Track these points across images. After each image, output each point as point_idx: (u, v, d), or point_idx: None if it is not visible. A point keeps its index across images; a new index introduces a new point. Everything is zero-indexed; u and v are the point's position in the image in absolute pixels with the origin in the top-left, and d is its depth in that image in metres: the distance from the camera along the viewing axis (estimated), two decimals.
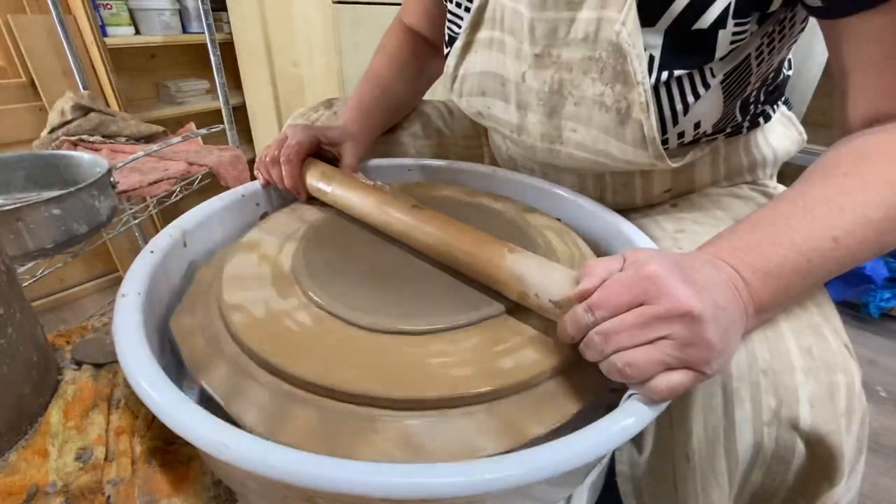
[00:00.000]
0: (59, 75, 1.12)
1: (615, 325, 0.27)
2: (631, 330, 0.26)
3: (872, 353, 1.13)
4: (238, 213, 0.49)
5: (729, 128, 0.48)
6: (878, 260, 1.20)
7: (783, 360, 0.32)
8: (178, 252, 0.42)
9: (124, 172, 0.83)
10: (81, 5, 1.09)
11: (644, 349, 0.26)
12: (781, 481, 0.33)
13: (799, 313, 0.34)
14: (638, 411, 0.27)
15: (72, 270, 1.25)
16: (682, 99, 0.40)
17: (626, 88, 0.40)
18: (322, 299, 0.35)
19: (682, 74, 0.39)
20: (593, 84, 0.42)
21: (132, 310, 0.32)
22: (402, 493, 0.22)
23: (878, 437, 0.92)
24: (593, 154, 0.45)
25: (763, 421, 0.31)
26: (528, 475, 0.23)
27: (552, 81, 0.44)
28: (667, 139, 0.43)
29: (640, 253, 0.29)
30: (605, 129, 0.43)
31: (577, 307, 0.29)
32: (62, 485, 0.30)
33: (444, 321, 0.33)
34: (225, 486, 0.34)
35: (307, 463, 0.23)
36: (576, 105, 0.44)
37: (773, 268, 0.29)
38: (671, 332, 0.26)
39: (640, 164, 0.44)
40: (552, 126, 0.46)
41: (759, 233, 0.31)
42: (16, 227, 0.54)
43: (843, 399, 0.31)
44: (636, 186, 0.52)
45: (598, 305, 0.27)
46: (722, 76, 0.40)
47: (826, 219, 0.30)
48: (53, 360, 0.38)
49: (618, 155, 0.44)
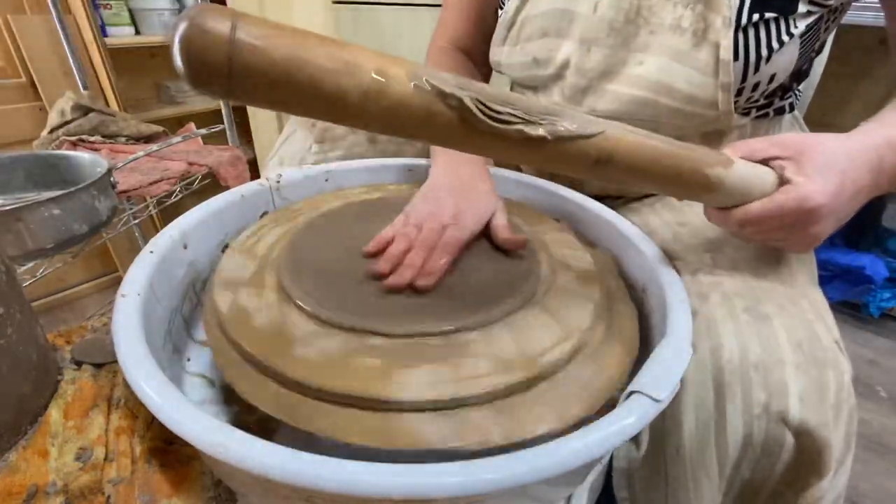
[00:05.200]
0: (59, 75, 1.12)
1: (756, 232, 0.35)
2: (767, 237, 0.35)
3: (872, 353, 1.13)
4: (238, 213, 0.49)
5: (768, 100, 0.49)
6: (878, 260, 1.20)
7: (774, 354, 0.32)
8: (177, 252, 0.42)
9: (124, 172, 0.83)
10: (81, 5, 1.09)
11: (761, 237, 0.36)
12: (770, 474, 0.33)
13: (791, 309, 0.35)
14: (638, 410, 0.27)
15: (72, 270, 1.25)
16: (767, 44, 0.41)
17: (707, 9, 0.42)
18: (306, 303, 0.35)
19: (770, 18, 0.41)
20: (674, 8, 0.43)
21: (132, 310, 0.32)
22: (402, 493, 0.22)
23: (879, 437, 0.92)
24: (652, 90, 0.45)
25: (753, 414, 0.32)
26: (528, 475, 0.23)
27: (630, 9, 0.45)
28: (741, 90, 0.44)
29: (806, 156, 0.33)
30: (678, 53, 0.44)
31: (739, 216, 0.34)
32: (62, 485, 0.30)
33: (431, 325, 0.33)
34: (225, 486, 0.34)
35: (307, 463, 0.23)
36: (651, 33, 0.44)
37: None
38: (795, 238, 0.34)
39: (703, 98, 0.44)
40: (618, 60, 0.46)
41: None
42: (16, 227, 0.54)
43: (832, 394, 0.32)
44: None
45: (759, 222, 0.34)
46: (804, 28, 0.41)
47: None
48: (53, 360, 0.38)
49: (683, 87, 0.44)
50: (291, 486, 0.23)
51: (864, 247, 1.26)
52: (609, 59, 0.47)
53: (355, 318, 0.33)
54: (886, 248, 1.26)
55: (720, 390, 0.33)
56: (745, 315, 0.35)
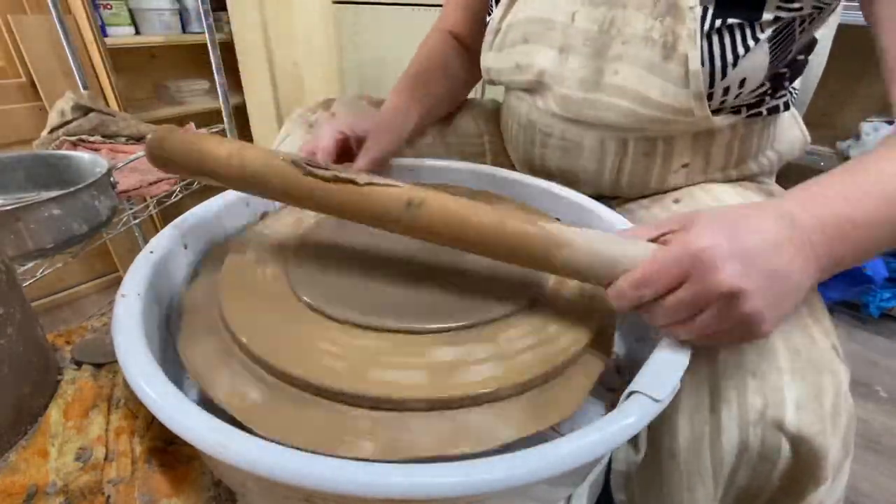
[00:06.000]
0: (59, 75, 1.12)
1: (659, 305, 0.28)
2: (676, 308, 0.28)
3: (872, 353, 1.13)
4: (238, 213, 0.49)
5: (758, 99, 0.49)
6: (878, 260, 1.20)
7: (770, 361, 0.32)
8: (177, 252, 0.42)
9: (124, 172, 0.83)
10: (81, 5, 1.09)
11: (686, 326, 0.28)
12: (766, 482, 0.33)
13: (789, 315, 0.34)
14: (638, 411, 0.27)
15: (72, 270, 1.25)
16: (732, 50, 0.42)
17: (675, 21, 0.42)
18: (314, 300, 0.35)
19: (734, 24, 0.41)
20: (644, 19, 0.44)
21: (132, 310, 0.32)
22: (402, 493, 0.22)
23: (879, 437, 0.92)
24: (631, 100, 0.46)
25: (749, 421, 0.31)
26: (528, 475, 0.23)
27: (603, 20, 0.46)
28: (711, 94, 0.44)
29: (693, 220, 0.29)
30: (650, 65, 0.44)
31: (622, 284, 0.29)
32: (62, 485, 0.30)
33: (424, 322, 0.33)
34: (225, 486, 0.34)
35: (307, 463, 0.23)
36: (623, 44, 0.45)
37: (845, 221, 0.30)
38: (714, 310, 0.27)
39: (678, 108, 0.44)
40: (594, 69, 0.47)
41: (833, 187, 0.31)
42: (16, 227, 0.54)
43: (829, 400, 0.31)
44: (657, 155, 0.51)
45: (644, 284, 0.28)
46: (771, 33, 0.41)
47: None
48: (53, 360, 0.38)
49: (657, 98, 0.45)
50: (291, 486, 0.23)
51: None
52: (587, 68, 0.47)
53: (361, 315, 0.33)
54: None
55: (715, 396, 0.33)
56: None
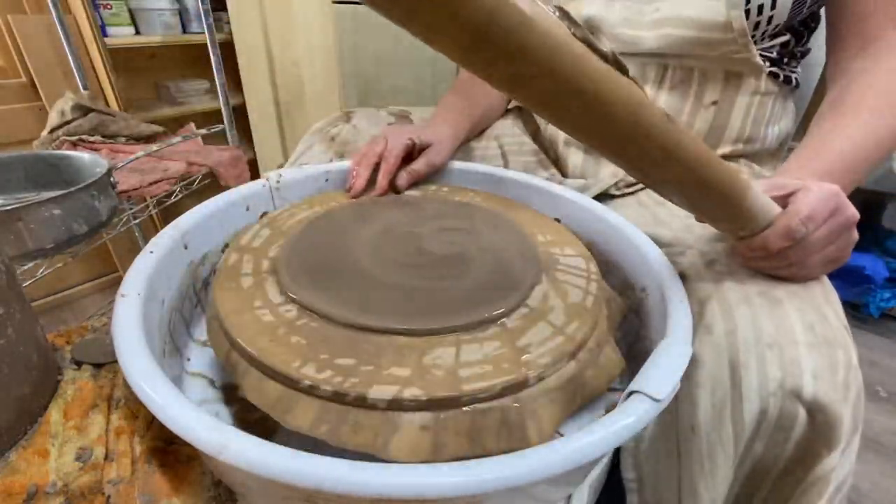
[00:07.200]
0: (59, 75, 1.12)
1: (806, 240, 0.35)
2: (826, 238, 0.35)
3: (872, 353, 1.13)
4: (238, 213, 0.49)
5: (778, 55, 0.54)
6: (878, 260, 1.20)
7: (788, 334, 0.34)
8: (177, 252, 0.42)
9: (124, 172, 0.83)
10: (81, 5, 1.09)
11: (820, 254, 0.36)
12: (782, 451, 0.34)
13: (803, 294, 0.36)
14: (638, 411, 0.27)
15: (72, 270, 1.25)
16: None
17: None
18: (305, 299, 0.35)
19: None
20: None
21: (132, 310, 0.32)
22: (402, 493, 0.22)
23: (879, 437, 0.92)
24: (673, 26, 0.50)
25: (769, 391, 0.33)
26: (528, 475, 0.23)
27: None
28: (748, 11, 0.48)
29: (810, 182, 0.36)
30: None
31: (791, 222, 0.34)
32: (62, 485, 0.30)
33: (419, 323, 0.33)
34: (225, 486, 0.33)
35: (307, 463, 0.23)
36: None
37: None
38: (842, 241, 0.36)
39: (716, 23, 0.48)
40: (636, 10, 0.53)
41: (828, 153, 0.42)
42: (16, 227, 0.54)
43: (841, 373, 0.33)
44: (693, 82, 0.55)
45: (810, 219, 0.34)
46: None
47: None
48: (53, 360, 0.38)
49: (697, 16, 0.49)
50: (291, 486, 0.23)
51: (864, 247, 1.26)
52: (630, 9, 0.53)
53: (356, 315, 0.34)
54: (886, 248, 1.26)
55: (736, 369, 0.34)
56: (758, 298, 0.36)
